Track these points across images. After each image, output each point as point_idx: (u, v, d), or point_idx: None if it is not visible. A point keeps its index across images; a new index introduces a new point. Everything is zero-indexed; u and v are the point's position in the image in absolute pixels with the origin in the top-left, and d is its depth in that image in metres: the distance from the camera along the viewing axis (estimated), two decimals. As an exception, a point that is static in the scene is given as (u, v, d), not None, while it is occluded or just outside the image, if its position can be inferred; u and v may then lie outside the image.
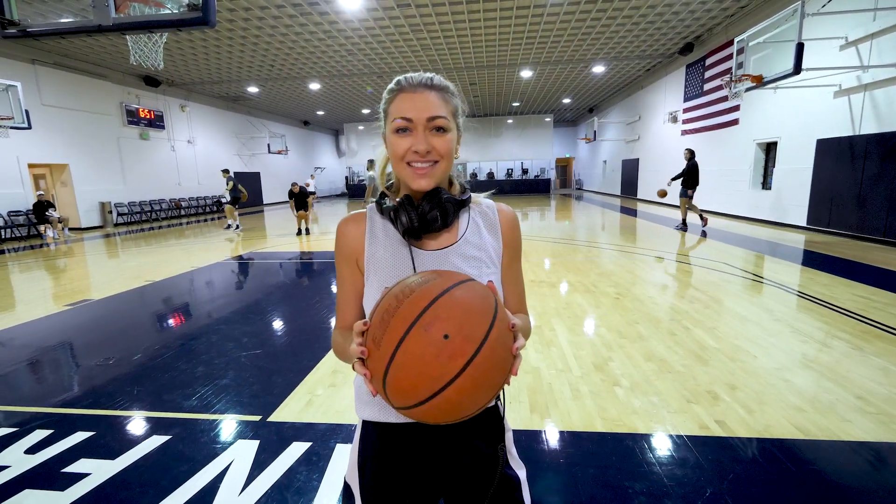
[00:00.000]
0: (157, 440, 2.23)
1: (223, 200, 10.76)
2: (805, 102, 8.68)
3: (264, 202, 22.25)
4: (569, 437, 2.15)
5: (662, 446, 2.06)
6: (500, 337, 0.60)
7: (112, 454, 2.12)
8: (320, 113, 23.75)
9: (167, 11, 2.80)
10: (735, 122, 11.15)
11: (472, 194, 0.90)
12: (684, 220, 9.48)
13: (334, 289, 5.41)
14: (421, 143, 0.76)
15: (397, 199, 0.83)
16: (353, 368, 0.65)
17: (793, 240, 7.85)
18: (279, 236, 10.10)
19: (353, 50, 12.48)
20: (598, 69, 15.50)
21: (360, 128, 28.56)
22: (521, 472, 0.91)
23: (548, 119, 26.91)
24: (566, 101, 21.99)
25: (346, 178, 31.15)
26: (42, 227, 10.80)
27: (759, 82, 7.44)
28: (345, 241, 0.87)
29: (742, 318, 3.82)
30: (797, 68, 6.49)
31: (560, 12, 10.04)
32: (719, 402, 2.45)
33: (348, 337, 0.78)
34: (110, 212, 13.63)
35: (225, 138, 19.54)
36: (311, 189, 13.29)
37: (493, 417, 0.88)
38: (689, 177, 9.14)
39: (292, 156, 24.79)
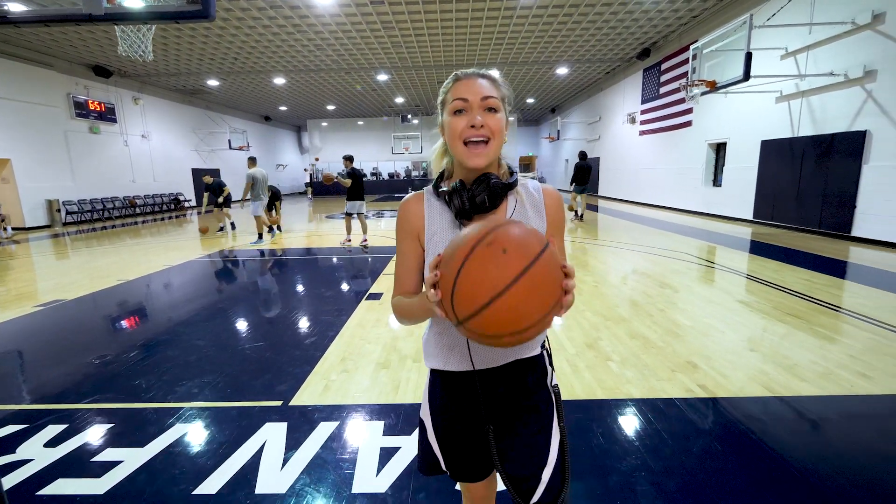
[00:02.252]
0: (182, 428, 2.27)
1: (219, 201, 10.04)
2: (751, 106, 9.48)
3: (225, 200, 21.43)
4: (576, 405, 2.39)
5: (657, 408, 2.34)
6: (551, 259, 0.68)
7: (139, 443, 2.15)
8: (283, 108, 23.16)
9: (164, 2, 2.84)
10: (689, 123, 11.96)
11: (519, 176, 0.97)
12: (576, 212, 11.08)
13: (322, 284, 5.45)
14: (476, 119, 0.87)
15: (451, 184, 0.94)
16: (428, 298, 0.72)
17: (742, 232, 8.59)
18: (251, 234, 9.88)
19: (322, 45, 12.33)
20: (562, 71, 16.09)
21: (325, 124, 28.06)
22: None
23: (512, 118, 27.49)
24: (530, 100, 22.61)
25: (311, 175, 30.50)
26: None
27: (713, 87, 8.07)
28: (407, 219, 0.99)
29: (708, 300, 4.24)
30: (746, 75, 7.12)
31: (529, 15, 10.39)
32: (698, 370, 2.77)
33: (407, 300, 0.93)
34: (58, 210, 12.76)
35: (182, 133, 18.68)
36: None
37: (537, 364, 1.01)
38: (578, 175, 10.67)
39: (253, 152, 24.00)
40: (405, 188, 26.02)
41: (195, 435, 2.21)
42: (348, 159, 7.71)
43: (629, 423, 2.22)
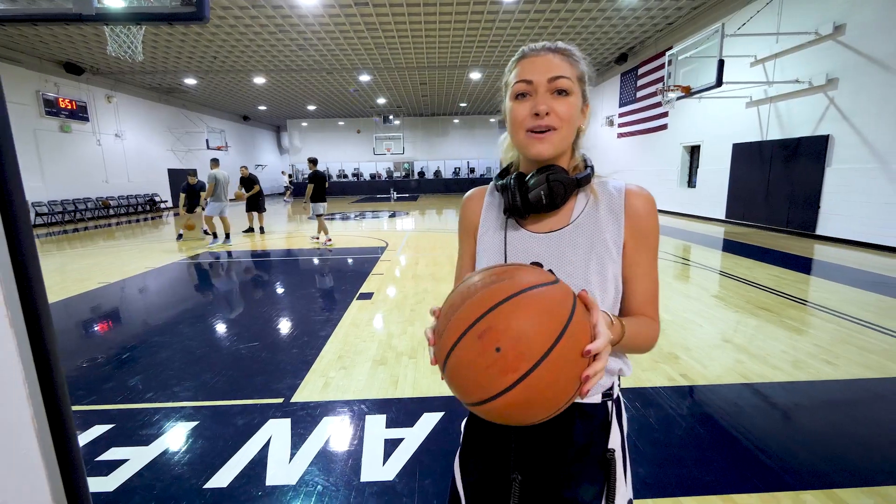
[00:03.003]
0: (185, 426, 2.30)
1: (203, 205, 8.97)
2: (723, 111, 9.90)
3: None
4: (567, 395, 2.52)
5: (644, 396, 2.49)
6: (564, 356, 0.54)
7: (143, 442, 2.17)
8: (262, 108, 22.83)
9: (156, 3, 2.89)
10: (664, 126, 12.38)
11: (599, 174, 0.82)
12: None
13: (311, 285, 5.47)
14: (542, 104, 0.72)
15: (509, 177, 0.80)
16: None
17: (716, 231, 8.97)
18: (235, 235, 9.76)
19: (304, 45, 12.25)
20: (542, 74, 16.37)
21: (304, 124, 27.77)
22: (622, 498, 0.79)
23: (493, 120, 27.81)
24: (511, 102, 22.88)
25: (290, 175, 30.11)
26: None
27: (688, 92, 8.41)
28: (464, 215, 0.90)
29: (686, 296, 4.46)
30: (719, 81, 7.45)
31: (511, 18, 10.59)
32: (679, 361, 2.94)
33: None
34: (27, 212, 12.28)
35: (157, 132, 18.22)
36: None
37: (595, 416, 0.79)
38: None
39: (232, 152, 23.59)
40: (387, 189, 25.96)
41: (199, 432, 2.24)
42: (312, 162, 8.12)
43: (618, 410, 2.36)
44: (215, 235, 8.48)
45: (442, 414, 2.36)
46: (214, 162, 8.67)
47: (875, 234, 6.72)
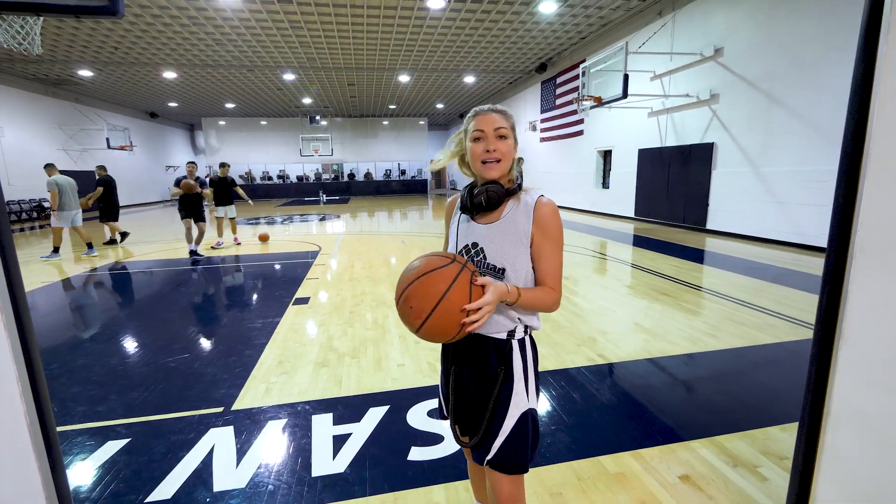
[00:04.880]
0: (114, 445, 2.18)
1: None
2: (629, 120, 10.99)
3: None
4: (502, 381, 2.76)
5: (568, 375, 2.80)
6: (447, 310, 1.01)
7: (69, 464, 2.04)
8: (173, 104, 21.04)
9: None
10: (581, 132, 13.42)
11: (526, 189, 1.21)
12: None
13: (244, 293, 5.26)
14: (491, 145, 1.15)
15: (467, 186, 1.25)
16: None
17: (626, 228, 9.94)
18: (145, 243, 8.96)
19: (221, 40, 11.57)
20: (469, 79, 16.94)
21: (222, 123, 26.03)
22: (522, 406, 1.20)
23: (422, 122, 28.11)
24: (440, 106, 23.33)
25: (208, 177, 28.01)
26: None
27: (600, 102, 9.24)
28: (447, 211, 1.36)
29: (602, 286, 4.97)
30: (625, 93, 8.30)
31: (438, 25, 10.87)
32: (597, 343, 3.32)
33: None
34: None
35: (45, 129, 16.08)
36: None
37: (501, 349, 1.21)
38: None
39: (138, 152, 21.47)
40: (315, 191, 25.19)
41: (132, 449, 2.14)
42: (223, 166, 8.50)
43: (546, 390, 2.63)
44: (90, 246, 7.63)
45: (387, 407, 2.47)
46: (50, 168, 7.55)
47: (751, 228, 7.90)
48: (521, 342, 1.22)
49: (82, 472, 1.98)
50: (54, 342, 3.64)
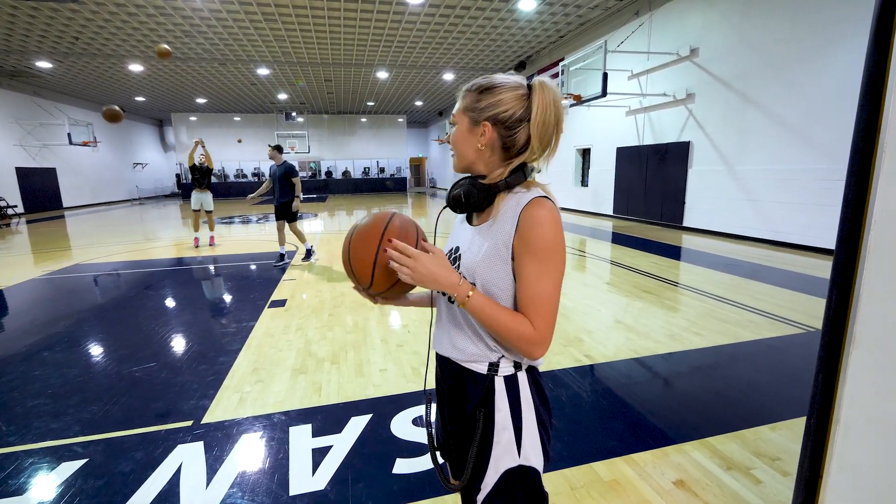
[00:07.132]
0: (69, 467, 1.99)
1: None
2: (608, 118, 11.09)
3: (63, 206, 17.95)
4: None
5: (555, 377, 2.73)
6: (369, 230, 0.96)
7: (13, 492, 1.85)
8: (140, 99, 20.19)
9: None
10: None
11: (530, 184, 0.92)
12: None
13: (216, 296, 5.03)
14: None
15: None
16: None
17: (606, 225, 10.03)
18: (109, 245, 8.52)
19: (191, 32, 11.11)
20: (448, 76, 16.82)
21: (193, 118, 25.17)
22: (508, 462, 0.91)
23: (401, 119, 27.84)
24: (419, 103, 23.13)
25: (178, 175, 27.09)
26: None
27: (579, 100, 9.27)
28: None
29: (585, 284, 4.95)
30: (604, 92, 8.34)
31: (417, 21, 10.71)
32: (583, 343, 3.28)
33: None
34: None
35: (1, 124, 15.17)
36: None
37: (479, 383, 0.94)
38: None
39: (103, 148, 20.53)
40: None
41: (90, 471, 1.96)
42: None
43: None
44: None
45: (370, 416, 2.35)
46: None
47: (726, 225, 8.07)
48: (511, 381, 0.92)
49: (32, 500, 1.79)
50: (5, 352, 3.36)
